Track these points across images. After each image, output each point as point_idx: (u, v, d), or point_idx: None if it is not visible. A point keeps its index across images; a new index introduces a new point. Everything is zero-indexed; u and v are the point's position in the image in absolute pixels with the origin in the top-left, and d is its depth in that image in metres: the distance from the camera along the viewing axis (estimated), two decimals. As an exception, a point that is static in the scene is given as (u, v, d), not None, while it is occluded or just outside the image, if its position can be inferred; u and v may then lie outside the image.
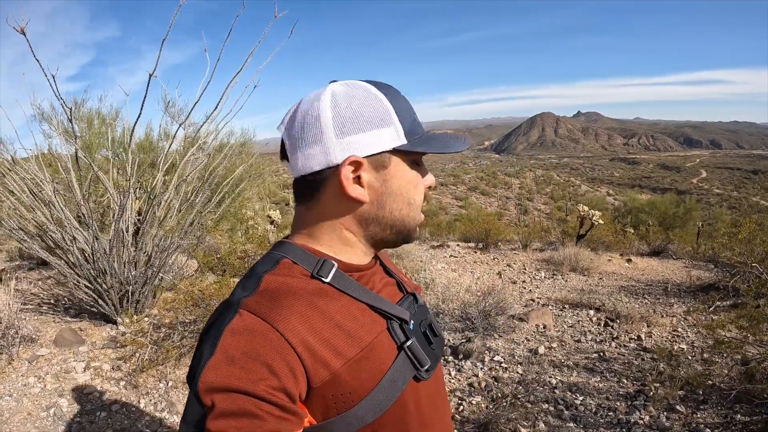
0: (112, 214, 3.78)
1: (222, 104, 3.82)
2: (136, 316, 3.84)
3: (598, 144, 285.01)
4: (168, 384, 3.19)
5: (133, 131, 3.88)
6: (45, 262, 5.42)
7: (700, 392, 3.26)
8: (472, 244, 9.95)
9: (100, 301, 3.77)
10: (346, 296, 0.72)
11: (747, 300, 3.49)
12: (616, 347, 4.28)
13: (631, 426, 2.94)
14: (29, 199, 3.74)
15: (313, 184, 0.75)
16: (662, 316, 5.07)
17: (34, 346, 3.41)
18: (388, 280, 0.85)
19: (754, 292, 3.44)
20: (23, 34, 2.56)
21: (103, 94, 6.81)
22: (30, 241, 3.83)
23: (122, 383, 3.15)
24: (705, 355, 3.89)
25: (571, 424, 2.99)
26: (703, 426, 2.87)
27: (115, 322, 3.88)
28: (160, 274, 4.15)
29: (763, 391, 2.88)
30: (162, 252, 4.02)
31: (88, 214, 3.70)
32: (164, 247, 4.02)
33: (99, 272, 3.68)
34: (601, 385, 3.51)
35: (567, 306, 5.64)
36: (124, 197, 3.67)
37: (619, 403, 3.23)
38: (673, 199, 16.92)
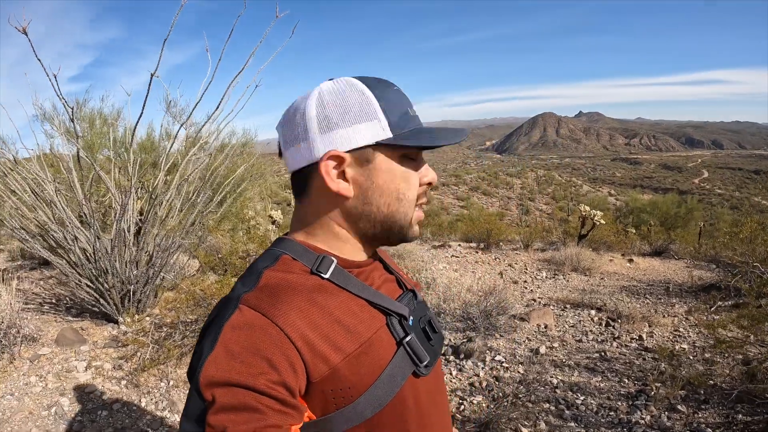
0: (114, 214, 3.79)
1: (223, 104, 3.83)
2: (137, 316, 3.85)
3: (599, 144, 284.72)
4: (169, 383, 3.20)
5: (134, 131, 3.89)
6: (47, 262, 5.43)
7: (702, 392, 3.25)
8: (473, 244, 9.94)
9: (102, 300, 3.78)
10: (346, 292, 0.73)
11: (748, 300, 3.48)
12: (618, 347, 4.27)
13: (632, 426, 2.93)
14: (31, 198, 3.75)
15: (303, 180, 0.76)
16: (664, 316, 5.06)
17: (36, 345, 3.42)
18: (388, 277, 0.85)
19: (756, 292, 3.44)
20: (25, 34, 2.57)
21: (105, 94, 6.87)
22: (32, 240, 3.84)
23: (123, 382, 3.15)
24: (706, 355, 3.88)
25: (572, 424, 2.98)
26: (704, 426, 2.86)
27: (116, 322, 3.89)
28: (162, 274, 4.15)
29: (765, 391, 2.88)
30: (163, 251, 4.02)
31: (89, 214, 3.71)
32: (166, 247, 4.03)
33: (100, 272, 3.69)
34: (603, 385, 3.50)
35: (568, 306, 5.64)
36: (125, 197, 3.68)
37: (620, 403, 3.22)
38: (675, 199, 16.91)
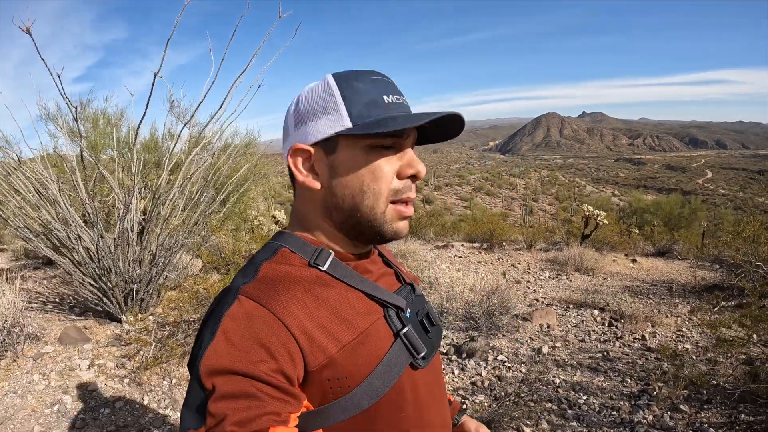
0: (117, 213, 3.81)
1: (227, 104, 3.84)
2: (140, 315, 3.86)
3: (603, 144, 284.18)
4: (172, 381, 3.21)
5: (138, 131, 3.90)
6: (50, 262, 5.46)
7: (704, 392, 3.24)
8: (476, 245, 9.94)
9: (105, 299, 3.79)
10: (343, 284, 0.74)
11: (751, 299, 3.47)
12: (620, 347, 4.27)
13: (634, 425, 2.93)
14: (35, 198, 3.77)
15: (291, 176, 0.79)
16: (667, 316, 5.05)
17: (39, 344, 3.44)
18: (387, 270, 0.86)
19: (759, 292, 3.43)
20: (29, 34, 2.58)
21: (109, 94, 6.90)
22: (36, 239, 3.86)
23: (126, 381, 3.16)
24: (709, 355, 3.87)
25: (575, 423, 2.98)
26: (706, 426, 2.85)
27: (119, 321, 3.90)
28: (165, 273, 4.17)
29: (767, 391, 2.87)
30: (166, 251, 4.04)
31: (93, 213, 3.72)
32: (169, 246, 4.04)
33: (104, 271, 3.71)
34: (605, 385, 3.50)
35: (571, 306, 5.63)
36: (129, 196, 3.70)
37: (622, 403, 3.22)
38: (679, 199, 16.88)
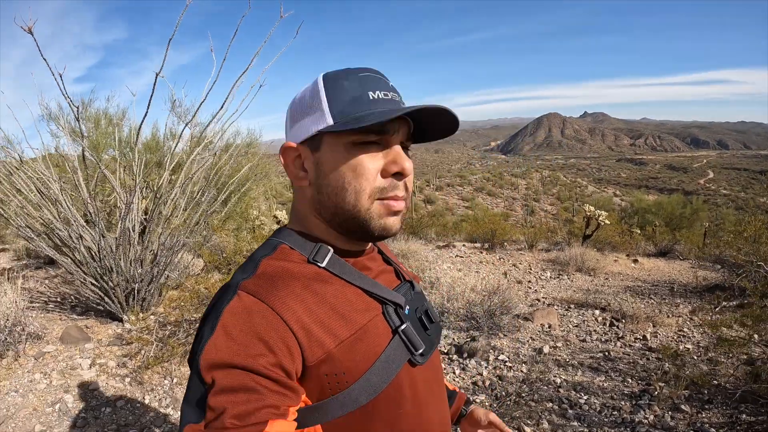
0: (119, 213, 3.81)
1: (228, 103, 3.85)
2: (141, 314, 3.87)
3: (604, 144, 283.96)
4: (173, 381, 3.21)
5: (139, 131, 3.91)
6: (52, 261, 5.47)
7: (705, 392, 3.24)
8: (478, 245, 9.94)
9: (107, 298, 3.80)
10: (342, 281, 0.74)
11: (753, 299, 3.47)
12: (622, 347, 4.26)
13: (635, 425, 2.92)
14: (36, 197, 3.77)
15: None
16: (668, 316, 5.04)
17: (41, 343, 3.45)
18: (386, 268, 0.87)
19: (760, 291, 3.42)
20: (30, 34, 2.59)
21: (110, 94, 6.91)
22: (37, 239, 3.87)
23: (127, 380, 3.17)
24: (710, 355, 3.86)
25: (575, 423, 2.97)
26: (707, 425, 2.85)
27: (121, 320, 3.91)
28: (166, 273, 4.17)
29: (769, 391, 2.86)
30: (168, 250, 4.04)
31: (94, 213, 3.73)
32: (170, 246, 4.04)
33: (105, 270, 3.71)
34: (606, 385, 3.49)
35: (572, 306, 5.62)
36: (130, 196, 3.70)
37: (623, 403, 3.21)
38: (680, 199, 16.88)
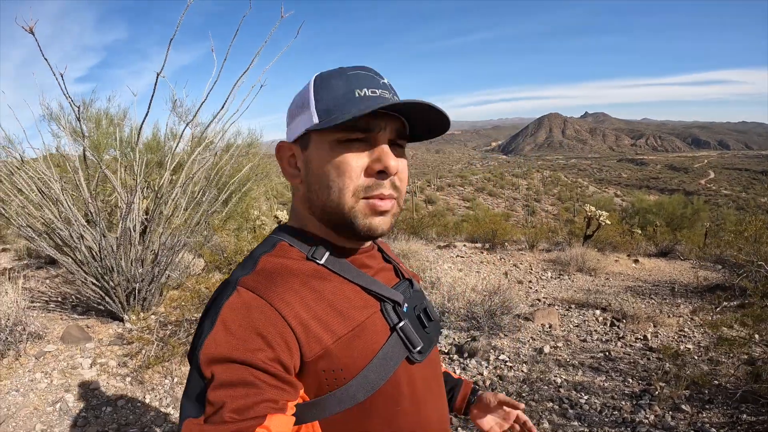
0: (120, 213, 3.82)
1: (229, 103, 3.85)
2: (142, 314, 3.87)
3: (605, 145, 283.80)
4: (174, 380, 3.22)
5: (140, 131, 3.91)
6: (53, 261, 5.48)
7: (706, 392, 3.23)
8: (478, 245, 9.94)
9: (107, 298, 3.80)
10: (340, 278, 0.75)
11: (754, 299, 3.46)
12: (622, 347, 4.26)
13: (636, 425, 2.92)
14: (37, 197, 3.78)
15: None
16: (669, 316, 5.04)
17: (42, 342, 3.45)
18: (385, 266, 0.87)
19: (761, 291, 3.42)
20: (32, 33, 2.59)
21: (111, 94, 6.91)
22: (38, 238, 3.87)
23: (128, 379, 3.17)
24: (711, 354, 3.86)
25: (576, 423, 2.97)
26: (708, 425, 2.84)
27: (121, 320, 3.91)
28: (167, 272, 4.18)
29: (770, 391, 2.86)
30: (169, 250, 4.04)
31: (95, 213, 3.73)
32: (171, 246, 4.05)
33: (106, 270, 3.72)
34: (607, 385, 3.49)
35: (573, 306, 5.62)
36: (131, 196, 3.71)
37: (624, 402, 3.21)
38: (681, 200, 16.87)
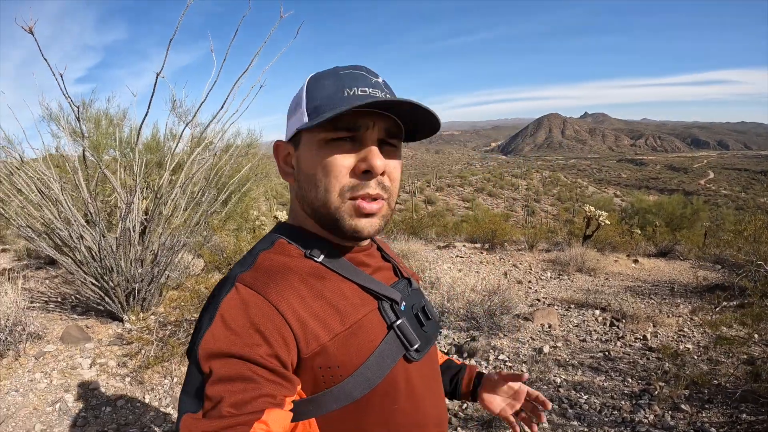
0: (119, 213, 3.82)
1: (228, 104, 3.85)
2: (142, 314, 3.87)
3: (605, 145, 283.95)
4: (173, 380, 3.22)
5: (140, 131, 3.91)
6: (52, 262, 5.48)
7: (706, 391, 3.23)
8: (478, 245, 9.93)
9: (107, 298, 3.80)
10: (338, 275, 0.75)
11: (753, 299, 3.46)
12: (622, 347, 4.26)
13: (635, 425, 2.92)
14: (37, 197, 3.78)
15: None
16: (668, 316, 5.04)
17: (41, 342, 3.45)
18: (384, 265, 0.87)
19: (761, 291, 3.42)
20: (31, 33, 2.59)
21: (111, 95, 6.92)
22: (38, 239, 3.87)
23: (128, 379, 3.17)
24: (711, 354, 3.86)
25: (575, 423, 2.97)
26: (708, 425, 2.85)
27: (121, 320, 3.91)
28: (167, 272, 4.18)
29: (769, 390, 2.86)
30: (168, 250, 4.04)
31: (95, 213, 3.73)
32: (170, 246, 4.05)
33: (106, 270, 3.72)
34: (606, 384, 3.49)
35: (573, 306, 5.62)
36: (130, 196, 3.71)
37: (623, 402, 3.21)
38: (681, 200, 16.86)
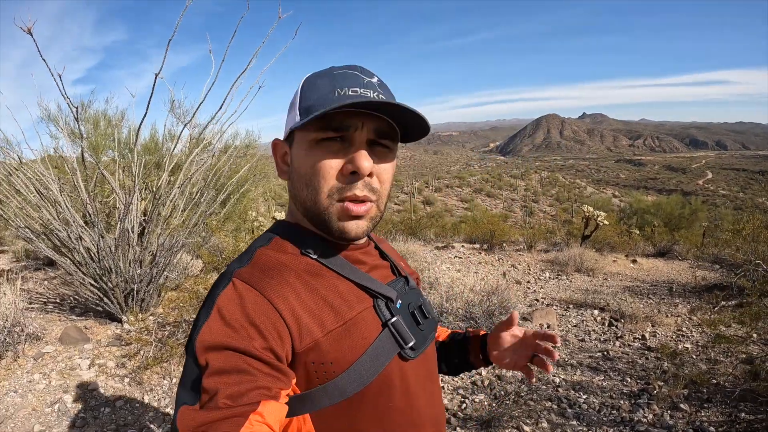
0: (118, 214, 3.81)
1: (227, 105, 3.85)
2: (141, 315, 3.87)
3: (603, 145, 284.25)
4: (172, 381, 3.21)
5: (138, 132, 3.91)
6: (51, 263, 5.47)
7: (704, 391, 3.24)
8: (477, 245, 9.93)
9: (106, 299, 3.80)
10: (333, 273, 0.76)
11: (751, 298, 3.47)
12: (620, 346, 4.26)
13: (634, 424, 2.92)
14: (36, 198, 3.77)
15: None
16: (667, 316, 5.05)
17: (40, 343, 3.45)
18: (381, 263, 0.87)
19: (759, 290, 3.43)
20: (30, 34, 2.59)
21: (110, 96, 6.92)
22: (36, 240, 3.87)
23: (126, 380, 3.17)
24: (710, 353, 3.86)
25: (574, 422, 2.98)
26: (707, 424, 2.85)
27: (120, 321, 3.90)
28: (165, 273, 4.17)
29: (768, 390, 2.87)
30: (167, 251, 4.04)
31: (93, 214, 3.73)
32: (169, 246, 4.05)
33: (104, 271, 3.71)
34: (605, 384, 3.50)
35: (571, 306, 5.62)
36: (129, 197, 3.70)
37: (622, 402, 3.21)
38: (679, 200, 16.89)
